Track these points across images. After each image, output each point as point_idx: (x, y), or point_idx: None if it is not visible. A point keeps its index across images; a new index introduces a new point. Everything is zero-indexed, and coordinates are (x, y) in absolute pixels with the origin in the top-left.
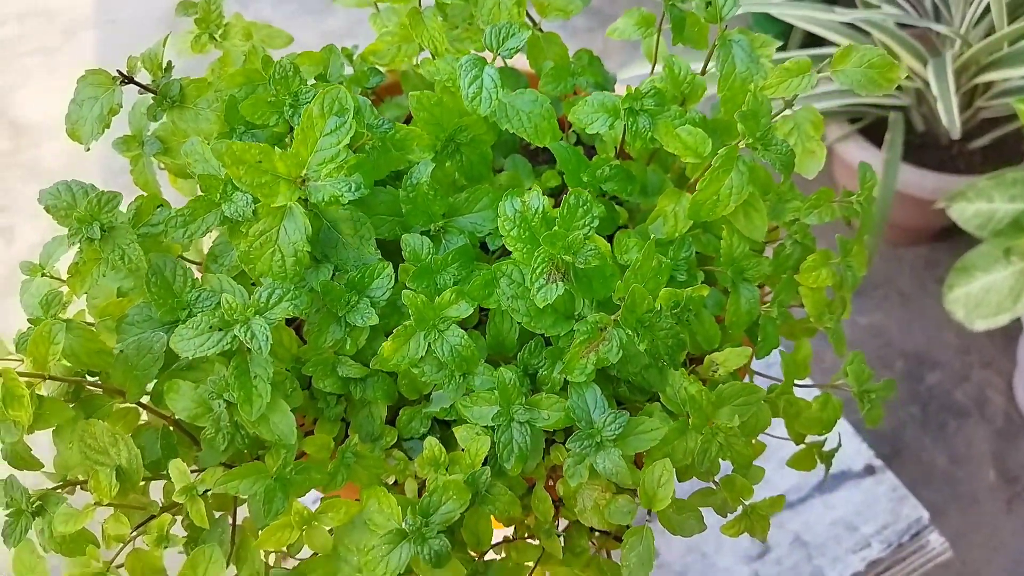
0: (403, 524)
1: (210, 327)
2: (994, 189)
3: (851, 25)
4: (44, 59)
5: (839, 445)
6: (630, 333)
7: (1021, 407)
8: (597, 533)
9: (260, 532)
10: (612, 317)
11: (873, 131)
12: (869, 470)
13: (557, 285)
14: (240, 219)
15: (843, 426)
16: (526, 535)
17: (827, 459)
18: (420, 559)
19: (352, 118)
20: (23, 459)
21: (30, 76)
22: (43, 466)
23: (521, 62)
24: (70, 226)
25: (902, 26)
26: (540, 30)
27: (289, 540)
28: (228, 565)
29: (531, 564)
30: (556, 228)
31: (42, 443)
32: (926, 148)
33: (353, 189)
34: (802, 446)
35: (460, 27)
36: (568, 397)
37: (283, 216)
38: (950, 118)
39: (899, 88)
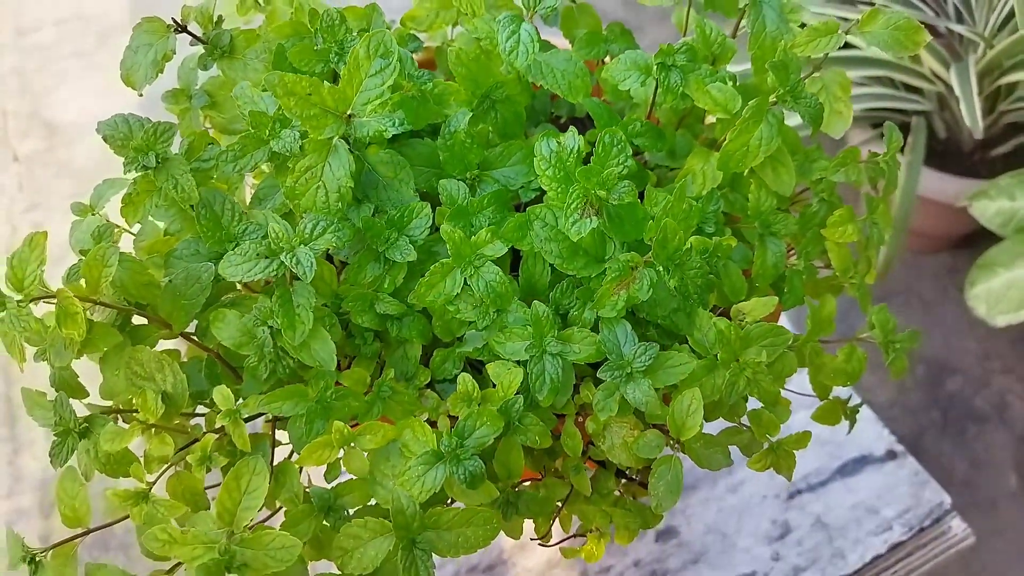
0: (439, 446)
1: (257, 254)
2: (1016, 187)
3: None
4: (79, 62)
5: (861, 403)
6: (660, 271)
7: None
8: (623, 481)
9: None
10: (643, 258)
11: None
12: (891, 455)
13: (591, 220)
14: (287, 155)
15: (864, 411)
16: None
17: (852, 414)
18: (455, 480)
19: (396, 60)
20: (70, 385)
21: (65, 78)
22: (88, 395)
23: (555, 39)
24: (126, 155)
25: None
26: (574, 1)
27: (329, 458)
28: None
29: (560, 503)
30: (591, 165)
31: (87, 373)
32: (948, 155)
33: (396, 124)
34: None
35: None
36: (599, 333)
37: (328, 153)
38: (973, 119)
39: (921, 93)
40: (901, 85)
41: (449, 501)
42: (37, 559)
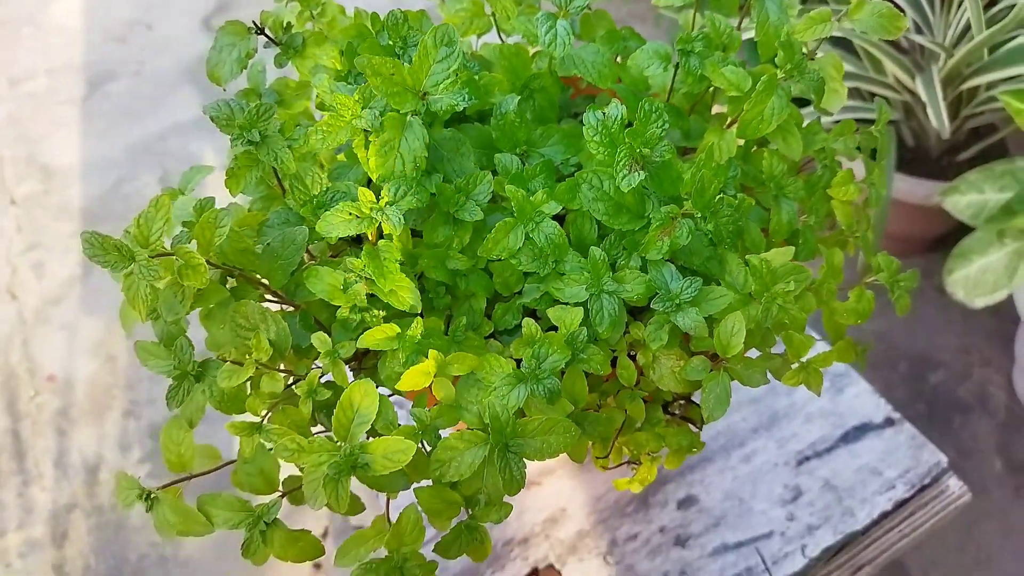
0: (521, 368)
1: (350, 214)
2: (984, 181)
3: (837, 40)
4: (73, 109)
5: (870, 344)
6: (697, 218)
7: (1022, 400)
8: (667, 417)
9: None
10: (681, 211)
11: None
12: (889, 422)
13: (638, 173)
14: (368, 130)
15: (862, 385)
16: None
17: (863, 353)
18: (536, 396)
19: (459, 48)
20: (176, 340)
21: (61, 124)
22: (194, 348)
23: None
24: (232, 133)
25: (887, 41)
26: (590, 8)
27: (424, 384)
28: None
29: (618, 424)
30: (636, 126)
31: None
32: (916, 162)
33: (465, 99)
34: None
35: (523, 3)
36: (647, 275)
37: (403, 128)
38: (940, 122)
39: (888, 102)
40: (869, 95)
41: None
42: (152, 495)
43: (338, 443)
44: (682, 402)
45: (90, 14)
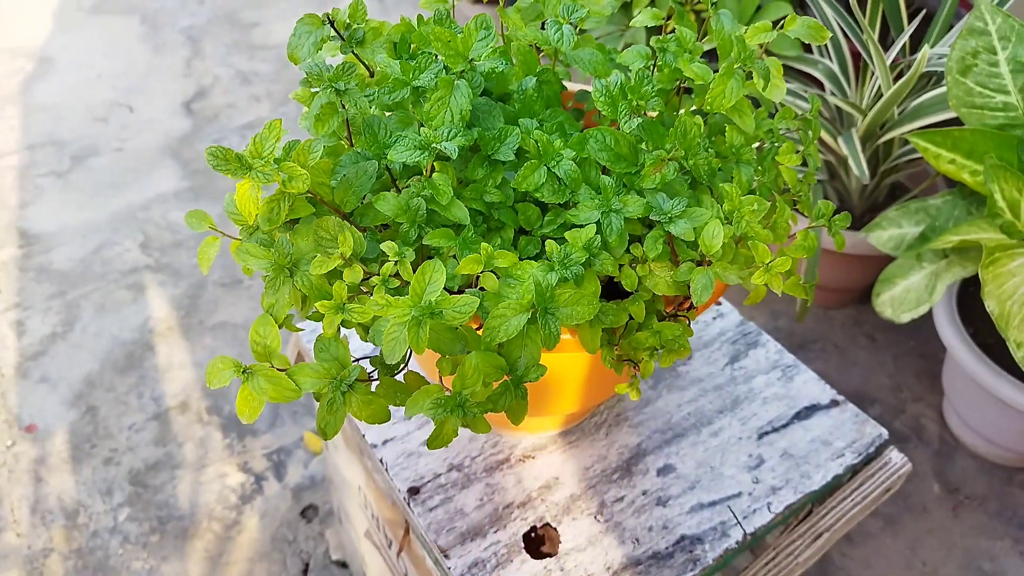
0: (550, 259)
1: (414, 146)
2: (902, 217)
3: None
4: (56, 180)
5: (816, 279)
6: (681, 158)
7: (953, 430)
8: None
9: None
10: (668, 155)
11: None
12: (834, 403)
13: (636, 119)
14: (424, 88)
15: (809, 374)
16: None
17: (810, 289)
18: (565, 279)
19: (495, 32)
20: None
21: (42, 194)
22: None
23: None
24: (322, 85)
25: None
26: (581, 31)
27: (475, 271)
28: None
29: (625, 319)
30: (633, 85)
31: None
32: None
33: (504, 65)
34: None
35: (528, 22)
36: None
37: (452, 88)
38: (860, 169)
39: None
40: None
41: None
42: (247, 369)
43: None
44: (671, 317)
45: (72, 96)
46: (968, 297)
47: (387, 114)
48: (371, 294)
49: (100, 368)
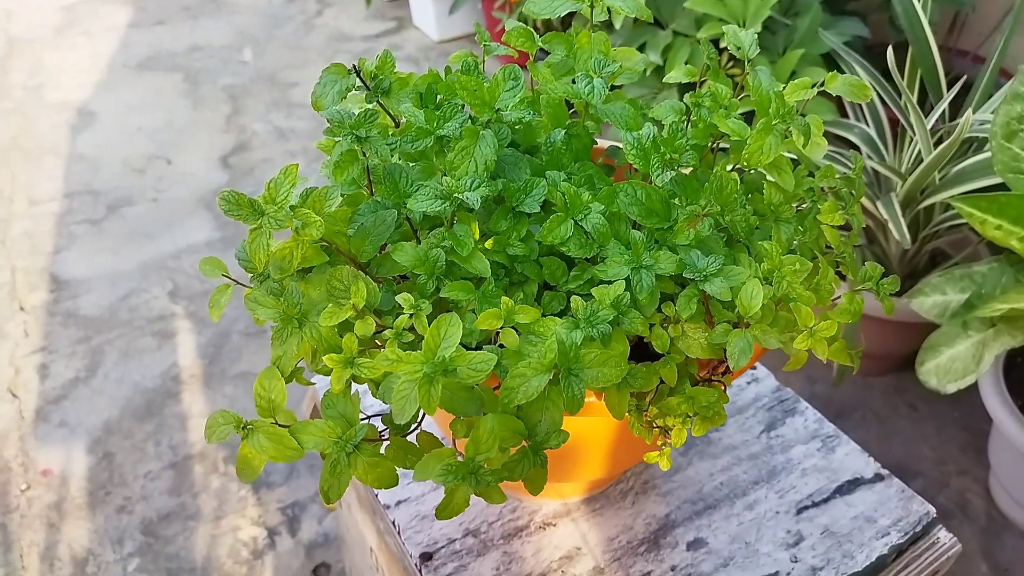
0: (575, 316)
1: (435, 196)
2: (946, 284)
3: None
4: (89, 228)
5: (862, 346)
6: (716, 214)
7: (1000, 506)
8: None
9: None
10: (703, 211)
11: None
12: (878, 477)
13: (669, 173)
14: (448, 137)
15: (851, 445)
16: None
17: (856, 356)
18: (592, 339)
19: (523, 83)
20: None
21: (75, 240)
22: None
23: None
24: (343, 133)
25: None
26: (612, 87)
27: (495, 326)
28: None
29: (655, 383)
30: (666, 138)
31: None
32: None
33: (530, 114)
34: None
35: (559, 77)
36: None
37: (477, 137)
38: (901, 233)
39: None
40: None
41: None
42: (247, 425)
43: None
44: (705, 382)
45: (111, 148)
46: (1016, 367)
47: (410, 164)
48: (384, 348)
49: (120, 415)
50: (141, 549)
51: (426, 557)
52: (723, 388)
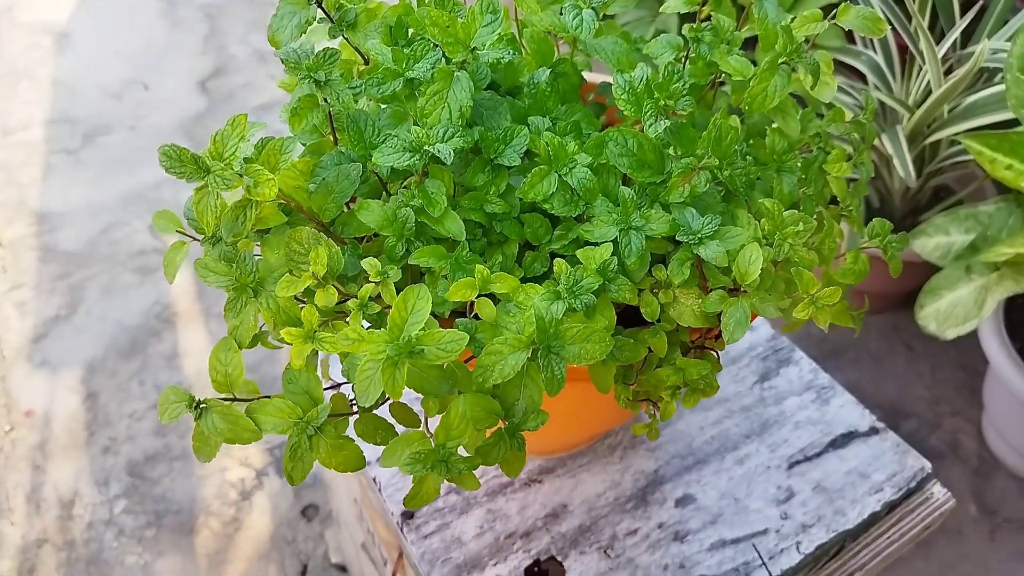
0: (557, 284)
1: (404, 148)
2: (950, 224)
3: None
4: (67, 158)
5: (866, 306)
6: (714, 167)
7: (992, 447)
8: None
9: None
10: (699, 163)
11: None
12: (873, 430)
13: (664, 122)
14: (419, 80)
15: (847, 396)
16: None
17: (858, 317)
18: (574, 310)
19: (502, 16)
20: (232, 262)
21: (52, 171)
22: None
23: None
24: (300, 75)
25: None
26: (605, 17)
27: (469, 296)
28: None
29: (643, 355)
30: (660, 81)
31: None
32: None
33: (510, 54)
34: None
35: (546, 6)
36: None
37: (451, 80)
38: (906, 170)
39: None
40: None
41: None
42: (201, 404)
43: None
44: (696, 350)
45: (87, 73)
46: (1015, 309)
47: (382, 106)
48: (349, 318)
49: (103, 353)
50: (127, 490)
51: (408, 515)
52: (716, 357)
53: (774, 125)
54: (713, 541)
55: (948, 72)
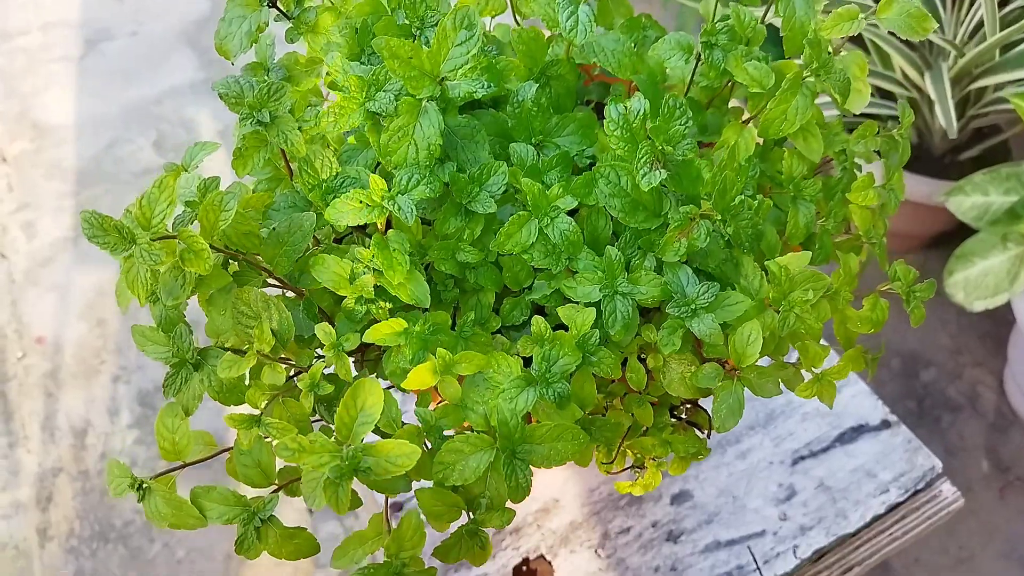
0: (531, 371)
1: (360, 202)
2: (989, 183)
3: None
4: (67, 66)
5: (882, 350)
6: (717, 220)
7: (1012, 402)
8: (675, 421)
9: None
10: (699, 211)
11: None
12: (885, 424)
13: (660, 172)
14: (381, 114)
15: (860, 385)
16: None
17: (873, 362)
18: (545, 400)
19: (480, 31)
20: (176, 325)
21: (53, 81)
22: (193, 333)
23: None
24: (240, 112)
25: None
26: None
27: (430, 383)
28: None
29: (625, 428)
30: (659, 123)
31: (189, 315)
32: (920, 160)
33: (485, 87)
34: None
35: None
36: (663, 277)
37: (419, 113)
38: (948, 120)
39: (893, 98)
40: (876, 91)
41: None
42: (144, 485)
43: (340, 444)
44: (689, 407)
45: None
46: None
47: (344, 134)
48: (301, 395)
49: (111, 277)
50: (139, 421)
51: (396, 507)
52: (707, 435)
53: (791, 145)
54: (707, 542)
55: (1003, 4)
